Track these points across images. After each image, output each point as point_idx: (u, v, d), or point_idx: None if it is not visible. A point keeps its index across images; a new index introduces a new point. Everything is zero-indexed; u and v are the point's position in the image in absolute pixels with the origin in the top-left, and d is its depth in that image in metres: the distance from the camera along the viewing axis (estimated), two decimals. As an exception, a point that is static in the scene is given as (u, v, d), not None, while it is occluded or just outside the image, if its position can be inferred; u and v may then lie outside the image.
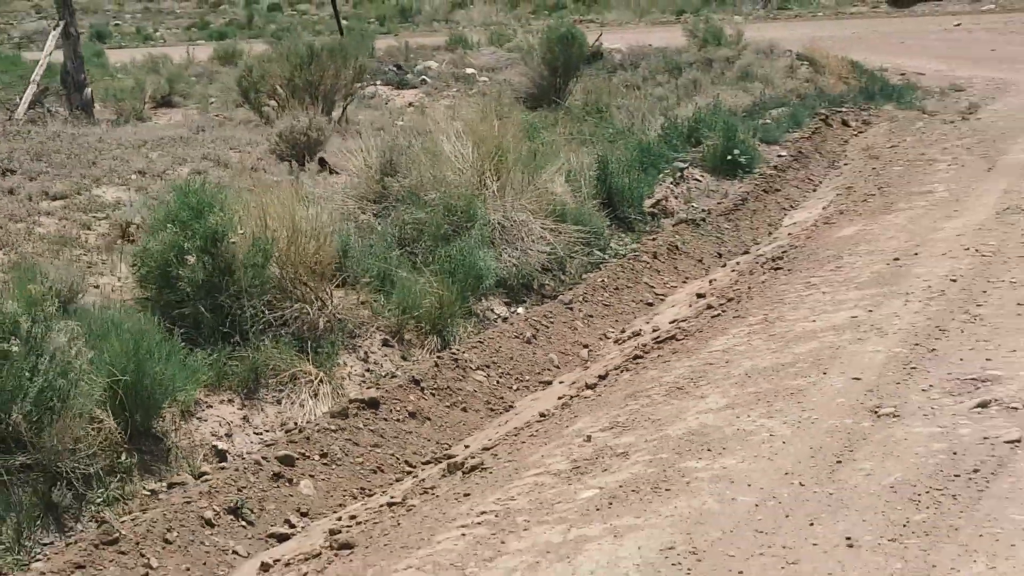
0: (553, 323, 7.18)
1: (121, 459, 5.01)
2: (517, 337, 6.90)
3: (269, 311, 6.06)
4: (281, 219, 6.30)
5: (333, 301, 6.41)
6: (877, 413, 4.69)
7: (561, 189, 8.14)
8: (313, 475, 5.36)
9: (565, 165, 8.45)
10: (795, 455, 4.41)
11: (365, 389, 6.06)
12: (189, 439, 5.41)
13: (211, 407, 5.65)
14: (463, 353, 6.54)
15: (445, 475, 5.03)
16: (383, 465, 5.58)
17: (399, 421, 5.88)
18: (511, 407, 6.26)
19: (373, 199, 7.71)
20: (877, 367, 5.22)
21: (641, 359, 6.18)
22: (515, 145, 8.14)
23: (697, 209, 9.11)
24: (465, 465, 4.98)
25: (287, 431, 5.66)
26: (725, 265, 8.31)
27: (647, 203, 8.98)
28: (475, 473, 4.86)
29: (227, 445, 5.49)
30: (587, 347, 7.07)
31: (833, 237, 8.07)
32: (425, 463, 5.60)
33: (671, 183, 9.45)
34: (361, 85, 13.61)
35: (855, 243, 7.72)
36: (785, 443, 4.53)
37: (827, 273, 7.07)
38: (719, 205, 9.32)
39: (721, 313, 6.66)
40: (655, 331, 6.90)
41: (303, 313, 6.20)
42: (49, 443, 4.64)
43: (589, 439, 4.91)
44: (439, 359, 6.42)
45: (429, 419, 6.00)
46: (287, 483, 5.25)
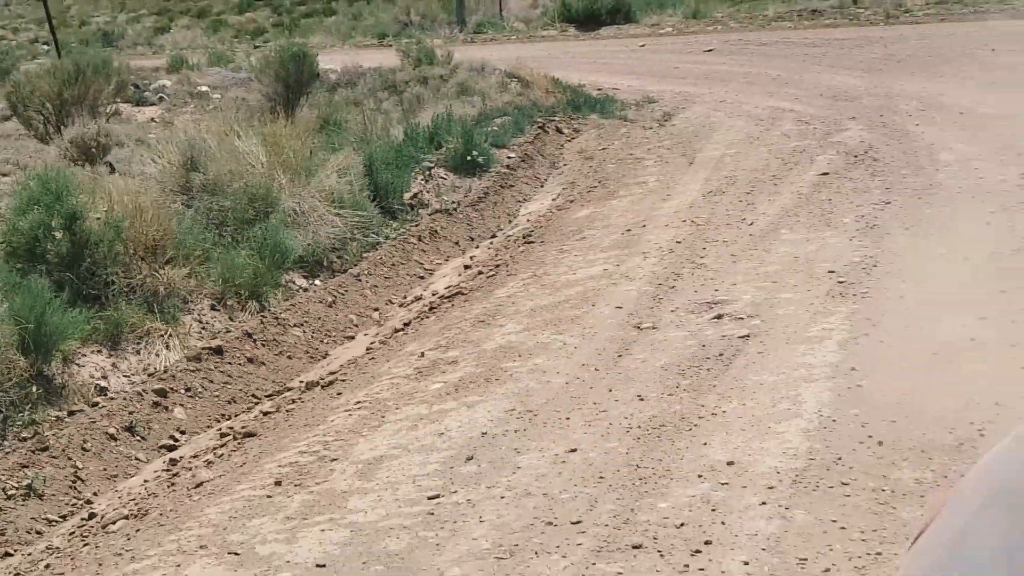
0: (347, 292, 8.63)
1: (32, 391, 6.16)
2: (321, 302, 8.33)
3: (123, 278, 7.27)
4: (123, 203, 7.51)
5: (168, 272, 7.66)
6: (640, 327, 6.47)
7: (338, 183, 9.60)
8: (183, 404, 6.64)
9: (338, 163, 9.90)
10: (586, 354, 6.11)
11: (209, 340, 7.35)
12: (75, 379, 6.58)
13: (85, 356, 6.81)
14: (280, 314, 7.92)
15: (305, 391, 6.45)
16: (235, 398, 6.90)
17: (241, 365, 7.21)
18: (327, 355, 7.69)
19: (179, 191, 8.94)
20: (633, 299, 7.01)
21: (436, 309, 7.76)
22: (296, 145, 9.56)
23: (448, 201, 10.75)
24: (322, 382, 6.42)
25: (150, 375, 6.89)
26: (479, 246, 9.97)
27: (406, 196, 10.55)
28: (334, 386, 6.33)
29: (106, 384, 6.69)
30: (377, 310, 8.56)
31: (571, 218, 9.89)
32: (268, 396, 6.96)
33: (423, 180, 11.06)
34: (118, 100, 14.56)
35: (591, 221, 9.56)
36: (576, 348, 6.23)
37: (574, 243, 8.86)
38: (465, 198, 10.99)
39: (495, 274, 8.33)
40: (435, 294, 8.48)
41: (146, 280, 7.43)
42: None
43: (423, 355, 6.47)
44: (263, 318, 7.78)
45: (264, 364, 7.35)
46: (164, 410, 6.51)
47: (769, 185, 9.95)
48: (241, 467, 5.31)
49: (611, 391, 5.54)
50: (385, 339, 7.35)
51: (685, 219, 9.03)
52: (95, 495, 5.61)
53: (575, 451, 4.86)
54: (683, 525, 4.14)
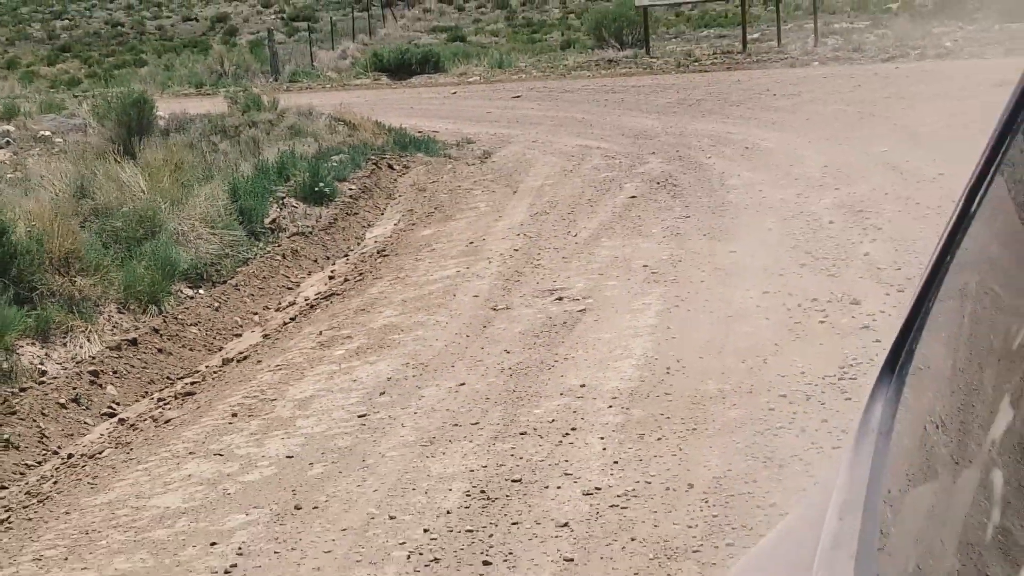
0: (229, 299, 10.08)
1: (-10, 370, 7.49)
2: (208, 307, 9.76)
3: (46, 284, 8.61)
4: (42, 221, 8.86)
5: (80, 281, 9.01)
6: (496, 309, 8.17)
7: (209, 209, 11.05)
8: (113, 384, 8.01)
9: (206, 192, 11.36)
10: (457, 328, 7.78)
11: (124, 334, 8.74)
12: (19, 364, 7.90)
13: (23, 347, 8.13)
14: (177, 316, 9.33)
15: (223, 366, 7.92)
16: (153, 379, 8.30)
17: (153, 354, 8.61)
18: (222, 348, 9.14)
19: (72, 215, 10.26)
20: (486, 290, 8.72)
21: (317, 306, 9.31)
22: (170, 176, 11.00)
23: (303, 225, 12.28)
24: (237, 358, 7.91)
25: (78, 362, 8.24)
26: (335, 263, 11.52)
27: (267, 221, 12.04)
28: (249, 359, 7.82)
29: (45, 368, 8.03)
30: (256, 314, 10.03)
31: (417, 236, 11.55)
32: (180, 377, 8.38)
33: (278, 208, 12.57)
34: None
35: (436, 238, 11.25)
36: (448, 323, 7.90)
37: (426, 254, 10.53)
38: (317, 223, 12.53)
39: (362, 279, 9.92)
40: (307, 300, 10.00)
41: (64, 287, 8.78)
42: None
43: (321, 334, 8.04)
44: (164, 318, 9.18)
45: (171, 354, 8.76)
46: (99, 387, 7.88)
47: (587, 207, 11.81)
48: (197, 410, 6.79)
49: (483, 349, 7.22)
50: (277, 330, 8.85)
51: (519, 233, 10.79)
52: (59, 448, 6.98)
53: (464, 384, 6.52)
54: (554, 421, 5.84)
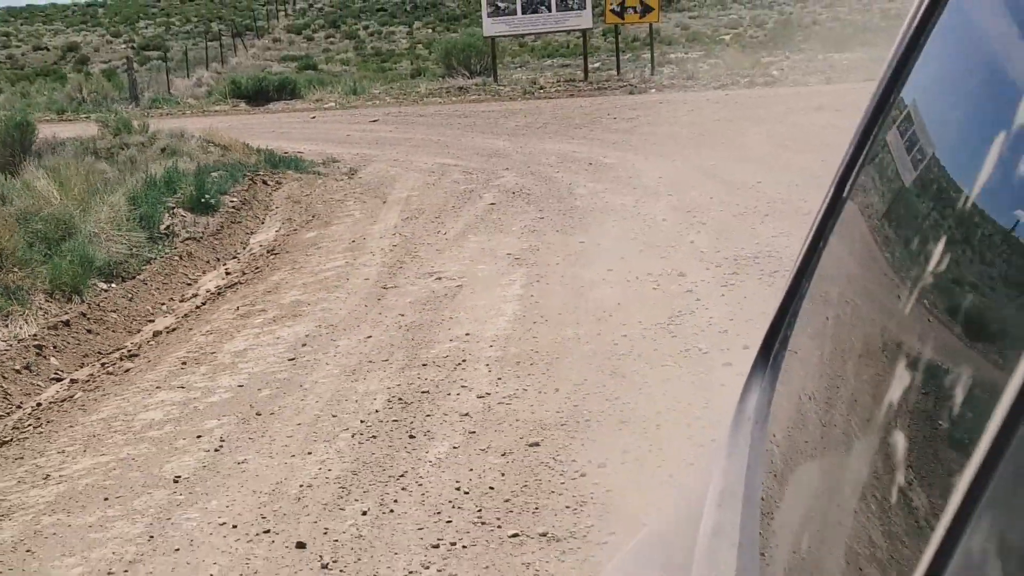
0: (139, 292, 11.55)
1: (-42, 339, 8.90)
2: (123, 298, 11.22)
3: (-12, 270, 10.02)
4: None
5: (14, 272, 10.43)
6: (386, 288, 9.86)
7: (114, 215, 12.50)
8: (55, 356, 9.46)
9: (109, 201, 12.80)
10: (356, 301, 9.45)
11: (56, 317, 10.17)
12: (-26, 338, 9.31)
13: (-27, 324, 9.54)
14: (98, 304, 10.79)
15: (154, 337, 9.44)
16: (88, 353, 9.77)
17: (84, 334, 10.06)
18: (140, 331, 10.62)
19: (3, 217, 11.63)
20: (375, 275, 10.40)
21: (223, 293, 10.86)
22: (79, 187, 12.44)
23: (194, 231, 13.78)
24: (166, 329, 9.44)
25: (20, 340, 9.66)
26: (227, 263, 13.04)
27: (162, 227, 13.51)
28: (179, 329, 9.36)
29: (-4, 342, 9.44)
30: (164, 304, 11.52)
31: (302, 238, 13.16)
32: (113, 351, 9.85)
33: (169, 216, 14.05)
34: None
35: (320, 239, 12.87)
36: (347, 298, 9.56)
37: (314, 251, 12.15)
38: (205, 230, 14.03)
39: (261, 270, 11.50)
40: (208, 291, 11.53)
41: (1, 278, 10.20)
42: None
43: (238, 309, 9.61)
44: (88, 306, 10.63)
45: (99, 335, 10.23)
46: (44, 358, 9.33)
47: (452, 212, 13.58)
48: (149, 364, 8.34)
49: (380, 314, 8.91)
50: (195, 310, 10.39)
51: (395, 234, 12.49)
52: (22, 404, 8.43)
53: (371, 337, 8.20)
54: (448, 356, 7.56)
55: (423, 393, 6.85)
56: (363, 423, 6.39)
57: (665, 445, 5.66)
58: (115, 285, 11.64)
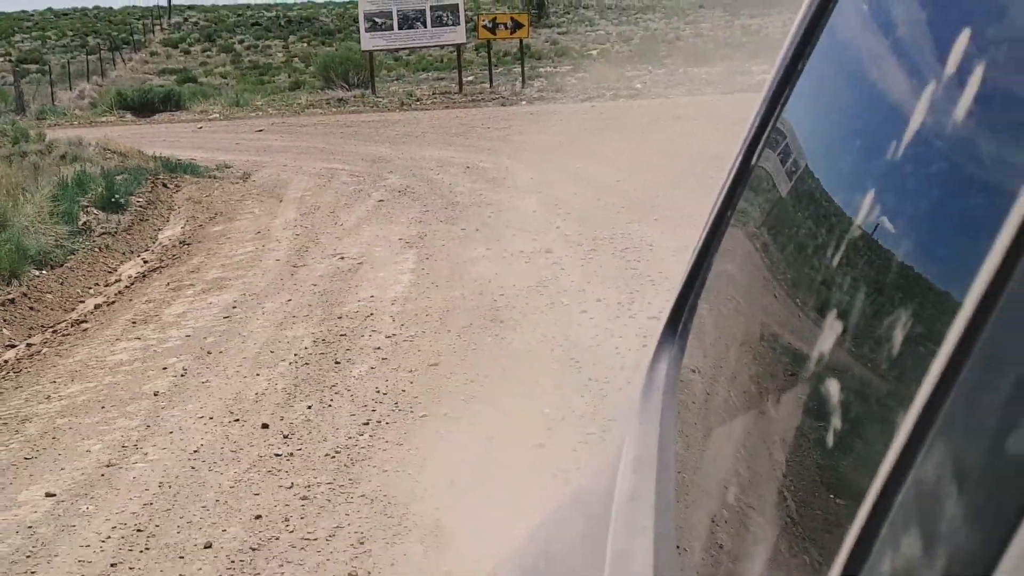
0: (68, 277, 13.12)
1: (-72, 309, 10.46)
2: (55, 282, 12.79)
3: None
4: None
5: (-40, 255, 11.95)
6: (296, 266, 11.62)
7: (39, 211, 14.05)
8: (4, 329, 11.03)
9: (34, 200, 14.34)
10: (272, 277, 11.20)
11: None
12: (-63, 311, 10.86)
13: (-66, 300, 11.07)
14: (36, 286, 12.35)
15: (95, 309, 11.08)
16: (33, 326, 11.35)
17: (26, 310, 11.64)
18: (75, 308, 12.21)
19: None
20: (285, 257, 12.15)
21: (147, 276, 12.50)
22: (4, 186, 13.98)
23: (108, 227, 15.34)
24: (105, 302, 11.08)
25: (-26, 313, 11.21)
26: (142, 255, 14.64)
27: (79, 223, 15.05)
28: (118, 301, 11.01)
29: (-45, 315, 10.99)
30: (91, 288, 13.10)
31: (210, 232, 14.82)
32: (53, 326, 11.44)
33: (84, 213, 15.59)
34: None
35: (228, 232, 14.56)
36: (264, 275, 11.30)
37: (224, 241, 13.84)
38: (118, 226, 15.60)
39: (178, 257, 13.16)
40: (131, 277, 13.15)
41: (-49, 259, 11.73)
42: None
43: (168, 284, 11.29)
44: (27, 287, 12.20)
45: (38, 311, 11.80)
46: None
47: (345, 209, 15.37)
48: (101, 325, 9.99)
49: (296, 285, 10.67)
50: (126, 288, 12.02)
51: (296, 226, 14.24)
52: (-12, 362, 10.01)
53: (291, 300, 9.97)
54: (358, 311, 9.37)
55: (341, 336, 8.65)
56: (296, 356, 8.18)
57: (535, 363, 7.54)
58: (46, 271, 13.20)
